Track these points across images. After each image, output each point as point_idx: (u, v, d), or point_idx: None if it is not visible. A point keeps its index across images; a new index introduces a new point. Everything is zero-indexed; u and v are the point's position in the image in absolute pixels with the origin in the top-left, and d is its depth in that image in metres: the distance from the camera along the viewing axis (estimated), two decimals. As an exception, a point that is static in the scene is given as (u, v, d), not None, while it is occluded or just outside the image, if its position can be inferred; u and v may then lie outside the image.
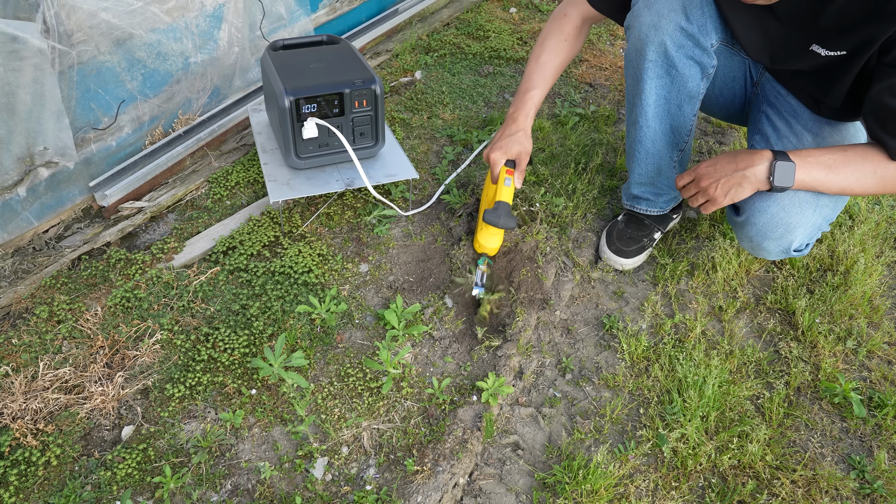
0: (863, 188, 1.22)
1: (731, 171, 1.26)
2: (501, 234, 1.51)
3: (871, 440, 1.34)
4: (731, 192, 1.26)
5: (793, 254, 1.39)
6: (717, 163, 1.29)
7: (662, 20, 1.34)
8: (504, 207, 1.44)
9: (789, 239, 1.34)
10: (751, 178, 1.24)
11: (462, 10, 2.96)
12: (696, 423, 1.30)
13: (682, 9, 1.33)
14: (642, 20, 1.37)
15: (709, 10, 1.34)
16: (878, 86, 1.14)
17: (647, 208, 1.67)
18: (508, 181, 1.47)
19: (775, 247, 1.37)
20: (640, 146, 1.54)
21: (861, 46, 1.14)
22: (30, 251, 1.64)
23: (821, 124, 1.38)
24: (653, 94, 1.45)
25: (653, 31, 1.36)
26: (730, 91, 1.56)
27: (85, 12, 1.55)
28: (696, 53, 1.37)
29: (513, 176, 1.48)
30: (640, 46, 1.39)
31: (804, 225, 1.32)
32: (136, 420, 1.29)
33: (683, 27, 1.34)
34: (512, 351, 1.43)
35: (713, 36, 1.36)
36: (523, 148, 1.49)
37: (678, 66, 1.39)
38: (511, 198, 1.47)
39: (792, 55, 1.29)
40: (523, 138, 1.50)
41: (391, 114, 2.21)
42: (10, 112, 1.45)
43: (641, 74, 1.43)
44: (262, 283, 1.57)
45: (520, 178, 1.50)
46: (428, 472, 1.20)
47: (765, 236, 1.35)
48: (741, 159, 1.26)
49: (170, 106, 1.91)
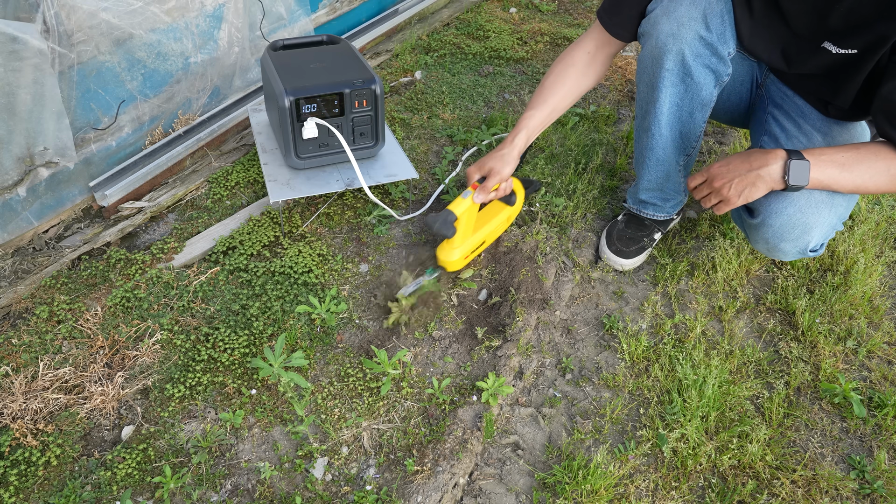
0: (877, 186, 1.21)
1: (745, 171, 1.24)
2: (459, 249, 1.50)
3: (871, 440, 1.34)
4: (745, 191, 1.25)
5: (809, 254, 1.38)
6: (731, 163, 1.28)
7: (682, 29, 1.32)
8: (445, 215, 1.42)
9: (806, 240, 1.33)
10: (765, 177, 1.23)
11: (462, 10, 2.96)
12: (696, 423, 1.30)
13: (702, 18, 1.31)
14: (660, 28, 1.34)
15: (728, 18, 1.32)
16: (890, 84, 1.14)
17: (654, 213, 1.67)
18: (467, 193, 1.45)
19: (792, 248, 1.35)
20: (651, 153, 1.53)
21: (873, 45, 1.14)
22: (30, 251, 1.64)
23: (829, 124, 1.37)
24: (667, 103, 1.43)
25: (671, 40, 1.34)
26: (737, 95, 1.56)
27: (85, 12, 1.55)
28: (712, 62, 1.36)
29: (474, 190, 1.45)
30: (658, 55, 1.37)
31: (821, 225, 1.31)
32: (136, 420, 1.29)
33: (703, 36, 1.32)
34: (512, 351, 1.43)
35: (731, 44, 1.35)
36: (495, 167, 1.44)
37: (694, 75, 1.37)
38: (461, 209, 1.43)
39: (803, 55, 1.28)
40: (502, 158, 1.45)
41: (391, 114, 2.21)
42: (10, 112, 1.45)
43: (657, 83, 1.41)
44: (262, 283, 1.57)
45: (482, 195, 1.45)
46: (428, 472, 1.20)
47: (782, 238, 1.34)
48: (755, 159, 1.25)
49: (170, 106, 1.91)
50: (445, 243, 1.52)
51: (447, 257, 1.52)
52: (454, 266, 1.54)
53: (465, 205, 1.44)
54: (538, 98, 1.50)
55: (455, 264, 1.54)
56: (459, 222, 1.44)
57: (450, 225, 1.42)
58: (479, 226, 1.57)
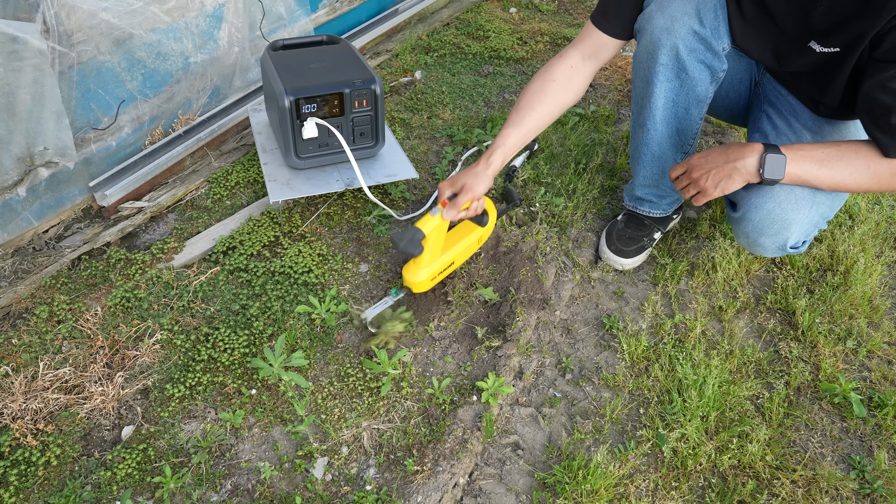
0: (857, 184, 1.21)
1: (722, 163, 1.26)
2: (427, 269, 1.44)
3: (871, 440, 1.34)
4: (721, 183, 1.26)
5: (789, 251, 1.39)
6: (709, 155, 1.29)
7: (675, 24, 1.33)
8: (413, 232, 1.35)
9: (785, 235, 1.34)
10: (741, 169, 1.24)
11: (462, 10, 2.96)
12: (696, 423, 1.30)
13: (695, 12, 1.32)
14: (655, 23, 1.35)
15: (722, 14, 1.33)
16: (869, 82, 1.14)
17: (650, 210, 1.67)
18: (436, 210, 1.38)
19: (771, 243, 1.37)
20: (647, 149, 1.54)
21: (852, 42, 1.14)
22: (30, 251, 1.64)
23: (821, 123, 1.38)
24: (662, 98, 1.43)
25: (665, 35, 1.35)
26: (736, 93, 1.56)
27: (85, 12, 1.55)
28: (707, 57, 1.36)
29: (443, 208, 1.38)
30: (652, 49, 1.38)
31: (800, 221, 1.32)
32: (136, 420, 1.29)
33: (696, 31, 1.33)
34: (512, 351, 1.43)
35: (725, 40, 1.35)
36: (468, 183, 1.38)
37: (689, 70, 1.38)
38: (429, 227, 1.36)
39: (792, 54, 1.29)
40: (476, 176, 1.39)
41: (391, 114, 2.21)
42: (10, 112, 1.45)
43: (652, 78, 1.41)
44: (262, 283, 1.57)
45: (452, 211, 1.37)
46: (428, 472, 1.20)
47: (760, 232, 1.35)
48: (732, 151, 1.26)
49: (170, 106, 1.91)
50: (412, 262, 1.45)
51: (413, 277, 1.44)
52: (420, 287, 1.47)
53: (434, 222, 1.37)
54: (516, 116, 1.44)
55: (421, 285, 1.46)
56: (427, 241, 1.37)
57: (417, 243, 1.35)
58: (448, 246, 1.49)
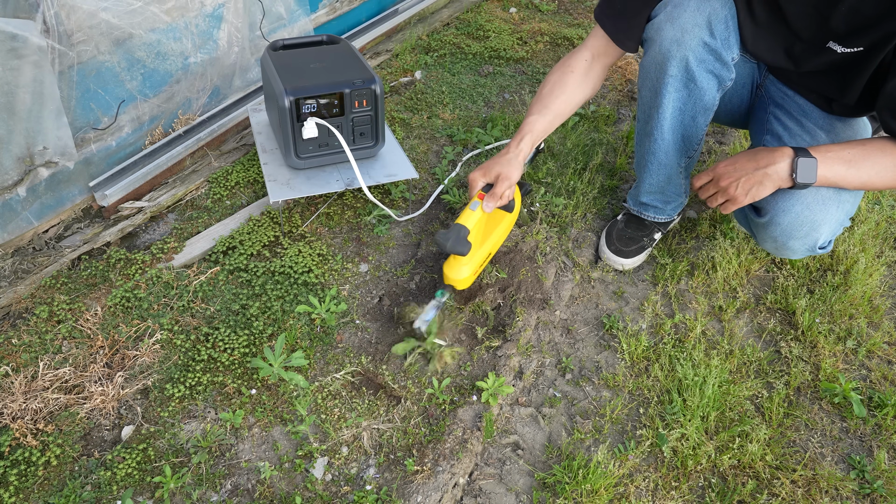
0: (883, 182, 1.21)
1: (752, 170, 1.24)
2: (469, 265, 1.40)
3: (871, 440, 1.34)
4: (752, 190, 1.25)
5: (818, 251, 1.38)
6: (737, 161, 1.27)
7: (686, 35, 1.32)
8: (457, 230, 1.32)
9: (815, 237, 1.33)
10: (772, 175, 1.22)
11: (462, 10, 2.96)
12: (696, 423, 1.30)
13: (706, 24, 1.30)
14: (664, 34, 1.34)
15: (733, 24, 1.32)
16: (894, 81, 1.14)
17: (655, 215, 1.67)
18: (475, 205, 1.36)
19: (801, 245, 1.35)
20: (654, 157, 1.53)
21: (880, 42, 1.14)
22: (30, 251, 1.64)
23: (832, 121, 1.37)
24: (670, 108, 1.42)
25: (675, 47, 1.33)
26: (738, 97, 1.55)
27: (85, 12, 1.55)
28: (716, 67, 1.36)
29: (482, 200, 1.36)
30: (662, 61, 1.36)
31: (829, 221, 1.31)
32: (136, 420, 1.29)
33: (707, 43, 1.32)
34: (512, 351, 1.43)
35: (735, 49, 1.35)
36: (503, 171, 1.38)
37: (697, 81, 1.37)
38: (472, 222, 1.34)
39: (808, 55, 1.28)
40: (509, 163, 1.39)
41: (391, 114, 2.21)
42: (10, 112, 1.45)
43: (661, 89, 1.40)
44: (262, 283, 1.57)
45: (491, 202, 1.37)
46: (428, 472, 1.20)
47: (790, 236, 1.33)
48: (761, 157, 1.24)
49: (170, 106, 1.91)
50: (452, 259, 1.40)
51: (456, 275, 1.40)
52: (464, 284, 1.43)
53: (476, 216, 1.35)
54: (539, 103, 1.45)
55: (465, 282, 1.43)
56: (471, 236, 1.34)
57: (464, 240, 1.32)
58: (485, 238, 1.48)
